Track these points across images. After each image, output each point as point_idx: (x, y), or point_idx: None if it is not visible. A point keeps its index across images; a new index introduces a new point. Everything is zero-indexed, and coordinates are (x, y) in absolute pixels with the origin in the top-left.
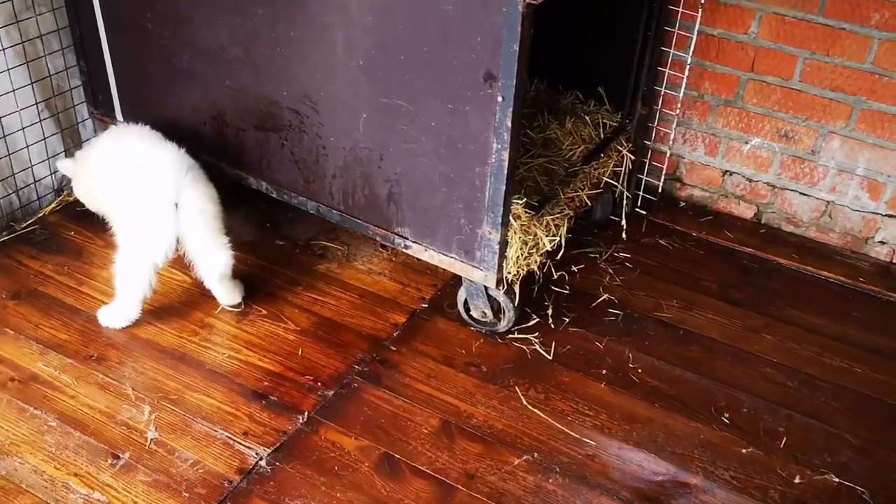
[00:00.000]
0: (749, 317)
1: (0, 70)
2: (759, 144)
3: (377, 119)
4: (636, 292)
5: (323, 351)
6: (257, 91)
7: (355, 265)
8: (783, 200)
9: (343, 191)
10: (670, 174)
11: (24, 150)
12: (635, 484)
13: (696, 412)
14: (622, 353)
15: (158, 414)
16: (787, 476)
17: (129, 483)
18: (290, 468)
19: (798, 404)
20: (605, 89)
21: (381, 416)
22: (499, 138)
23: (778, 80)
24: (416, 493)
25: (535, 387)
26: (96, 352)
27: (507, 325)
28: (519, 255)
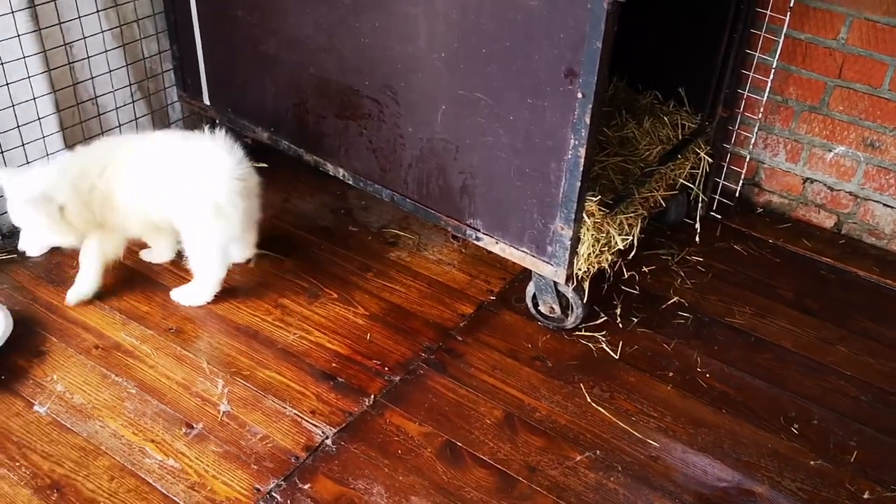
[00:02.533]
0: (824, 328)
1: (99, 52)
2: (842, 153)
3: (455, 111)
4: (707, 296)
5: (391, 337)
6: (339, 79)
7: (425, 255)
8: (865, 211)
9: (418, 180)
10: (749, 179)
11: (116, 130)
12: (698, 489)
13: (764, 420)
14: (690, 356)
15: (231, 388)
16: (855, 491)
17: (201, 452)
18: (354, 448)
19: (871, 419)
20: (686, 90)
21: (445, 403)
22: (576, 135)
23: (866, 88)
24: (476, 481)
25: (599, 385)
26: (175, 325)
27: (575, 321)
28: (590, 253)
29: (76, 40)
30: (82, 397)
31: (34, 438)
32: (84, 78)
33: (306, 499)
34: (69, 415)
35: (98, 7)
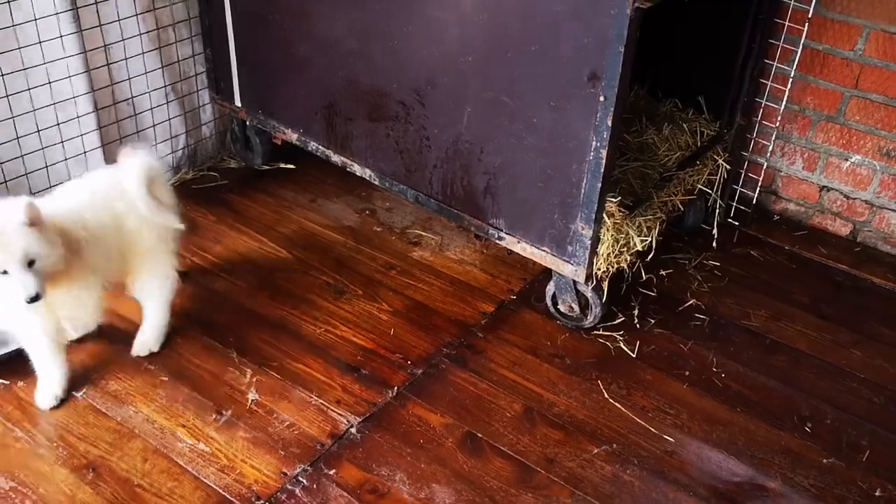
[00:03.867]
0: (839, 332)
1: (136, 53)
2: (859, 162)
3: (481, 113)
4: (724, 300)
5: (413, 332)
6: (369, 82)
7: (447, 255)
8: (881, 219)
9: (442, 181)
10: (766, 187)
11: (150, 130)
12: (713, 483)
13: (778, 419)
14: (706, 357)
15: (259, 378)
16: (867, 488)
17: (230, 437)
18: (378, 437)
19: (883, 420)
20: (705, 98)
21: (466, 397)
22: (598, 136)
23: (882, 98)
24: (496, 471)
25: (617, 382)
26: (205, 317)
27: (593, 321)
28: (610, 253)
29: (115, 42)
30: (117, 384)
31: (71, 421)
32: (121, 78)
33: (331, 484)
34: (104, 400)
35: (137, 10)
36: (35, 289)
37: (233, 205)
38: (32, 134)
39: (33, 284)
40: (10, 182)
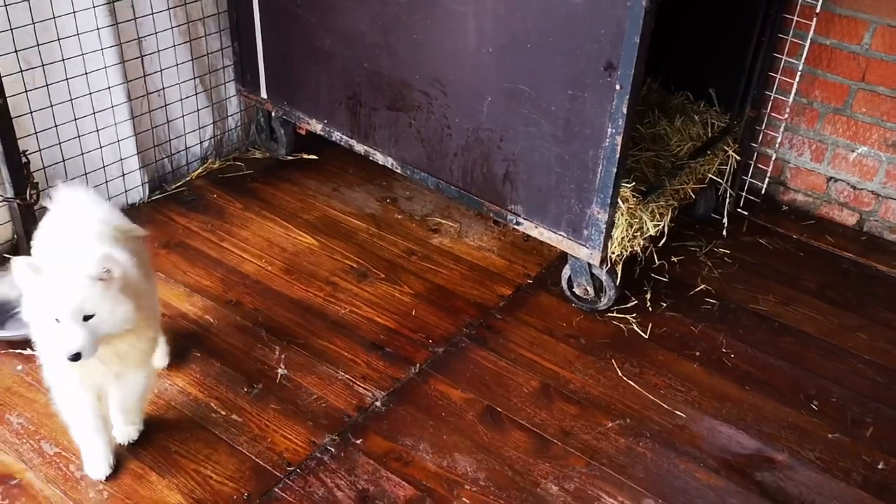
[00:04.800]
0: (845, 316)
1: (167, 46)
2: (865, 153)
3: (500, 102)
4: (734, 285)
5: (434, 313)
6: (392, 73)
7: (466, 241)
8: (887, 209)
9: (463, 168)
10: (774, 178)
11: (180, 120)
12: (722, 455)
13: (785, 397)
14: (716, 338)
15: (287, 355)
16: (871, 461)
17: (262, 409)
18: (402, 410)
19: (887, 399)
20: (716, 91)
21: (485, 374)
22: (614, 124)
23: (889, 91)
24: (515, 442)
25: (630, 361)
26: (234, 297)
27: (607, 303)
28: (624, 237)
29: (148, 35)
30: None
31: None
32: (153, 70)
33: (358, 452)
34: None
35: (169, 5)
36: (79, 346)
37: (259, 193)
38: (69, 122)
39: (80, 340)
40: (47, 168)
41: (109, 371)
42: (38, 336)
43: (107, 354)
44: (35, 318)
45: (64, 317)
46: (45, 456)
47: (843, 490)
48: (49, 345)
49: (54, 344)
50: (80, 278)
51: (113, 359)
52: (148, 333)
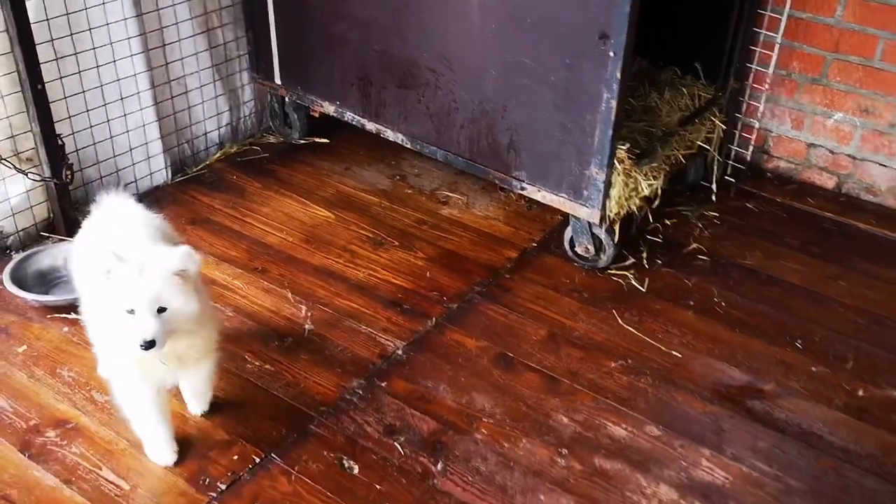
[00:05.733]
0: (826, 267)
1: (187, 36)
2: (841, 119)
3: (503, 75)
4: (723, 243)
5: (447, 275)
6: (401, 54)
7: (473, 211)
8: (863, 171)
9: (469, 139)
10: (759, 147)
11: (198, 107)
12: (715, 387)
13: (772, 338)
14: (709, 289)
15: (313, 313)
16: (851, 390)
17: (293, 359)
18: (421, 357)
19: (866, 337)
20: (701, 65)
21: (497, 325)
22: (609, 89)
23: (860, 60)
24: (527, 382)
25: (629, 311)
26: (260, 265)
27: (607, 261)
28: (621, 196)
29: (169, 25)
30: None
31: None
32: (174, 59)
33: (384, 394)
34: None
35: None
36: (153, 334)
37: (275, 174)
38: (99, 108)
39: (153, 329)
40: (80, 150)
41: (170, 371)
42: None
43: (166, 355)
44: (106, 309)
45: (140, 307)
46: (97, 403)
47: (826, 413)
48: (117, 337)
49: (125, 335)
50: (161, 271)
51: (172, 359)
52: (204, 334)
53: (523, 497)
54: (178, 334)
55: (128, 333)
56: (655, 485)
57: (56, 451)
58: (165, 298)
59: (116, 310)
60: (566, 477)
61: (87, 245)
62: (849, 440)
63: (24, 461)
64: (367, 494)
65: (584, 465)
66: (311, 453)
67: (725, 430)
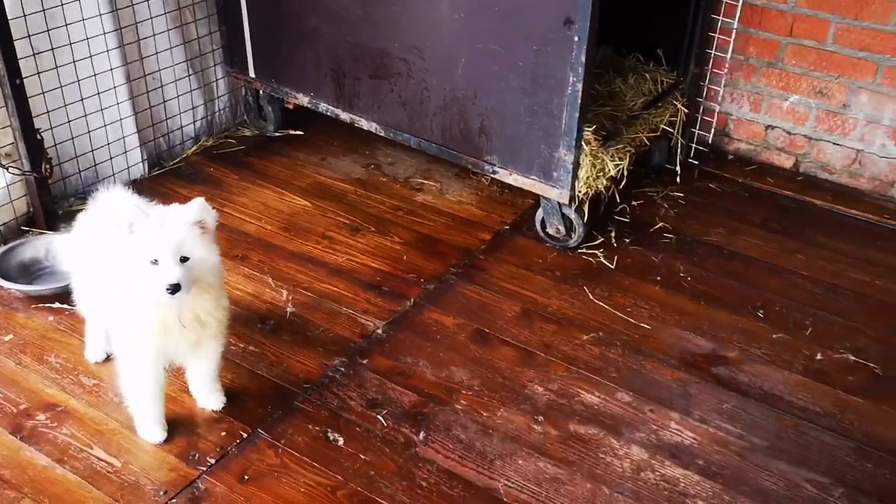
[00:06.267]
0: (785, 242)
1: (161, 31)
2: (797, 101)
3: (473, 62)
4: (688, 222)
5: (423, 258)
6: (373, 44)
7: (447, 197)
8: (818, 150)
9: (442, 126)
10: (720, 129)
11: (173, 101)
12: (682, 355)
13: (735, 309)
14: (675, 265)
15: (294, 297)
16: (810, 354)
17: (276, 340)
18: (401, 335)
19: (823, 305)
20: (663, 51)
21: (473, 303)
22: (574, 72)
23: (813, 43)
24: (503, 356)
25: (600, 287)
26: (240, 253)
27: (577, 240)
28: (589, 176)
29: (144, 20)
30: None
31: None
32: (149, 54)
33: (365, 370)
34: None
35: None
36: (177, 278)
37: (252, 165)
38: (77, 103)
39: (178, 273)
40: (59, 145)
41: (187, 338)
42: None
43: (188, 319)
44: (129, 264)
45: (164, 256)
46: (85, 387)
47: (787, 376)
48: (142, 288)
49: (150, 284)
50: (181, 222)
51: (195, 325)
52: (223, 302)
53: (502, 461)
54: (199, 293)
55: (153, 282)
56: (627, 446)
57: (47, 433)
58: (187, 248)
59: (141, 262)
60: (542, 442)
61: (85, 238)
62: (808, 400)
63: (15, 443)
64: (352, 464)
65: (560, 431)
66: (296, 427)
67: (692, 394)
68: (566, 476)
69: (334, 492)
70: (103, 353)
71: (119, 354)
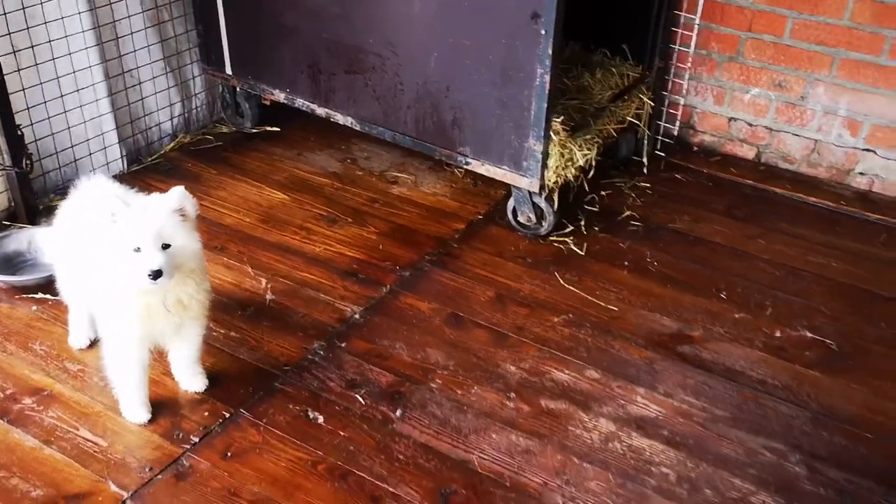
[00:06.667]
0: (747, 228)
1: (139, 29)
2: (757, 94)
3: (445, 56)
4: (655, 210)
5: (399, 247)
6: (349, 40)
7: (422, 189)
8: (779, 141)
9: (415, 119)
10: (685, 122)
11: (151, 98)
12: (648, 335)
13: (699, 291)
14: (642, 251)
15: (273, 284)
16: (769, 332)
17: (255, 326)
18: (377, 320)
19: (783, 287)
20: (629, 47)
21: (447, 289)
22: (542, 64)
23: (772, 38)
24: (476, 338)
25: (570, 272)
26: (219, 244)
27: (548, 228)
28: (558, 165)
29: (122, 18)
30: None
31: None
32: (127, 51)
33: (344, 353)
34: None
35: None
36: (159, 264)
37: (229, 160)
38: (56, 99)
39: (160, 259)
40: (39, 141)
41: (171, 322)
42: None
43: (171, 303)
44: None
45: (146, 243)
46: (70, 372)
47: (748, 353)
48: (125, 276)
49: (133, 271)
50: (162, 210)
51: (178, 308)
52: (205, 286)
53: (476, 435)
54: (182, 278)
55: (136, 269)
56: (596, 420)
57: (34, 416)
58: (168, 234)
59: (124, 250)
60: (515, 417)
61: (68, 226)
62: (767, 374)
63: (3, 426)
64: (332, 440)
65: (531, 407)
66: (277, 407)
67: (658, 371)
68: (538, 448)
69: (315, 466)
70: (87, 339)
71: (105, 339)
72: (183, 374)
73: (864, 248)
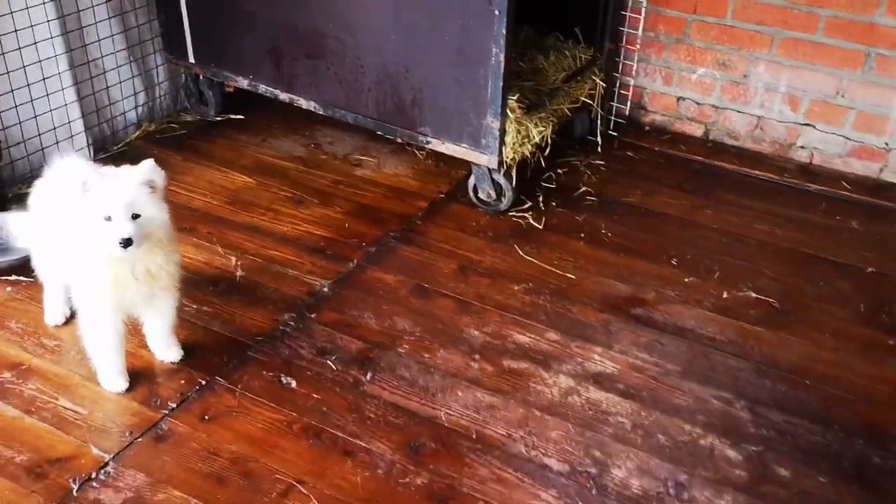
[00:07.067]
0: (696, 199)
1: (102, 18)
2: (703, 73)
3: (403, 38)
4: (609, 186)
5: (365, 225)
6: (308, 25)
7: (385, 171)
8: (725, 118)
9: (377, 101)
10: (636, 103)
11: (115, 88)
12: (603, 299)
13: (651, 258)
14: (597, 223)
15: (242, 262)
16: (717, 294)
17: (227, 301)
18: (346, 292)
19: (730, 252)
20: (581, 30)
21: (412, 263)
22: (496, 44)
23: (715, 19)
24: (441, 306)
25: (529, 244)
26: (188, 226)
27: (507, 204)
28: (515, 142)
29: (86, 8)
30: None
31: None
32: (91, 41)
33: (314, 323)
34: None
35: None
36: (129, 233)
37: (195, 147)
38: (23, 88)
39: (130, 228)
40: (6, 129)
41: (141, 292)
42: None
43: (140, 273)
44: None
45: (117, 213)
46: (47, 347)
47: (697, 313)
48: (96, 244)
49: (104, 239)
50: (133, 181)
51: (147, 278)
52: (174, 258)
53: (443, 394)
54: (150, 247)
55: (106, 238)
56: (556, 377)
57: (13, 388)
58: (139, 205)
59: (95, 219)
60: (479, 376)
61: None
62: (715, 332)
63: None
64: (305, 402)
65: (495, 367)
66: (251, 374)
67: (613, 331)
68: (501, 403)
69: (290, 426)
70: (62, 316)
71: (80, 310)
72: (158, 346)
73: (805, 216)
